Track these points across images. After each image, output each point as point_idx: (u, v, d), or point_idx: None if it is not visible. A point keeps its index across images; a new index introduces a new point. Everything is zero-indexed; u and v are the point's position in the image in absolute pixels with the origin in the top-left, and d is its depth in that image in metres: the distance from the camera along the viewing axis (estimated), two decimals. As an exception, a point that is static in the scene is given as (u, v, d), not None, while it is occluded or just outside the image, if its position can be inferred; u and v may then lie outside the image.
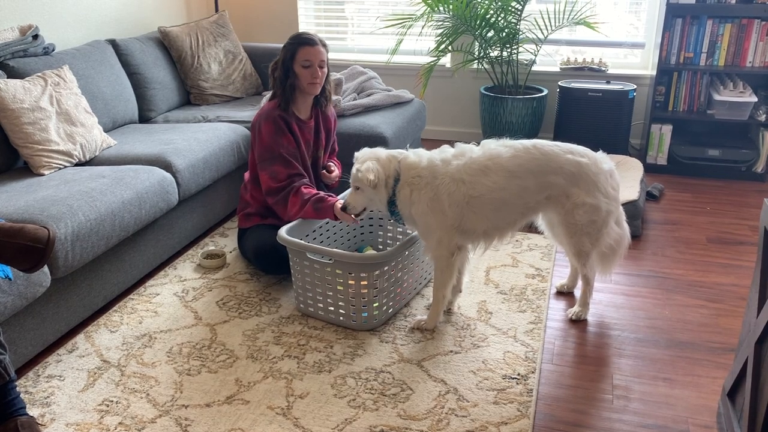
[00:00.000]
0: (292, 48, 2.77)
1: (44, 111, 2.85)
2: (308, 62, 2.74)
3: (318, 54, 2.76)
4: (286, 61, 2.78)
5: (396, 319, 2.57)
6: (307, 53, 2.74)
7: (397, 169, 2.39)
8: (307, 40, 2.78)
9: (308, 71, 2.75)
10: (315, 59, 2.74)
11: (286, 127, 2.78)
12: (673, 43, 4.08)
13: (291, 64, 2.76)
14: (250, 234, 2.86)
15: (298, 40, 2.78)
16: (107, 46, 3.58)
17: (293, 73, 2.77)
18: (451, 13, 4.18)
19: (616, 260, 2.59)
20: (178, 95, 3.98)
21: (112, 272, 2.68)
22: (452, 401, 2.12)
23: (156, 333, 2.50)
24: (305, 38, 2.79)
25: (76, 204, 2.42)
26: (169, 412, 2.07)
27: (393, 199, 2.42)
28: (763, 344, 1.72)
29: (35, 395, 2.16)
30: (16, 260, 1.79)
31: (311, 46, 2.75)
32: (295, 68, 2.76)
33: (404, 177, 2.38)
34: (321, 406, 2.09)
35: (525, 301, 2.70)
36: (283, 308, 2.66)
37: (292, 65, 2.76)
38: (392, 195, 2.41)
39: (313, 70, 2.75)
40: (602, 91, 4.20)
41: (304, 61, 2.74)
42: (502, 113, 4.32)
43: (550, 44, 4.47)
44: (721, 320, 2.59)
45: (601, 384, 2.22)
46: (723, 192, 3.91)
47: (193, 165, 3.06)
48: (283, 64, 2.79)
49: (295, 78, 2.76)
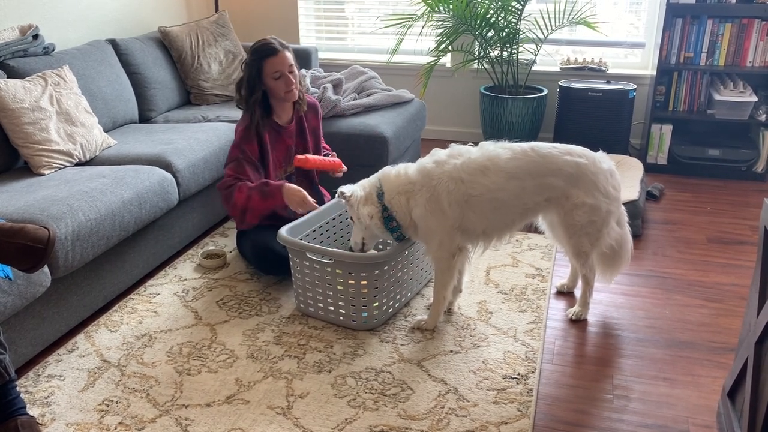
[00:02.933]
0: (257, 63, 2.63)
1: (44, 111, 2.85)
2: (278, 73, 2.63)
3: (285, 60, 2.64)
4: (252, 78, 2.64)
5: (396, 319, 2.57)
6: (274, 64, 2.63)
7: (377, 185, 2.40)
8: (269, 50, 2.63)
9: (281, 81, 2.65)
10: (284, 67, 2.63)
11: (256, 136, 2.71)
12: (673, 43, 4.08)
13: (259, 79, 2.65)
14: (248, 235, 2.86)
15: (261, 53, 2.64)
16: (107, 46, 3.58)
17: (264, 88, 2.67)
18: (451, 13, 4.18)
19: (620, 264, 2.58)
20: (179, 95, 3.98)
21: (113, 272, 2.68)
22: (452, 401, 2.12)
23: (156, 333, 2.50)
24: (267, 49, 2.64)
25: (77, 204, 2.42)
26: (169, 412, 2.08)
27: (390, 216, 2.39)
28: (763, 344, 1.72)
29: (35, 395, 2.16)
30: (17, 260, 1.79)
31: (275, 56, 2.62)
32: (266, 82, 2.66)
33: (390, 189, 2.38)
34: (321, 406, 2.10)
35: (525, 300, 2.70)
36: (283, 308, 2.66)
37: (261, 80, 2.65)
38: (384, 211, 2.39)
39: (285, 78, 2.65)
40: (602, 91, 4.20)
41: (274, 73, 2.63)
42: (502, 113, 4.32)
43: (550, 44, 4.47)
44: (721, 320, 2.59)
45: (602, 384, 2.22)
46: (723, 192, 3.91)
47: (194, 165, 3.06)
48: (250, 82, 2.65)
49: (267, 92, 2.68)
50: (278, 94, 2.70)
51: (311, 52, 4.36)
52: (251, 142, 2.71)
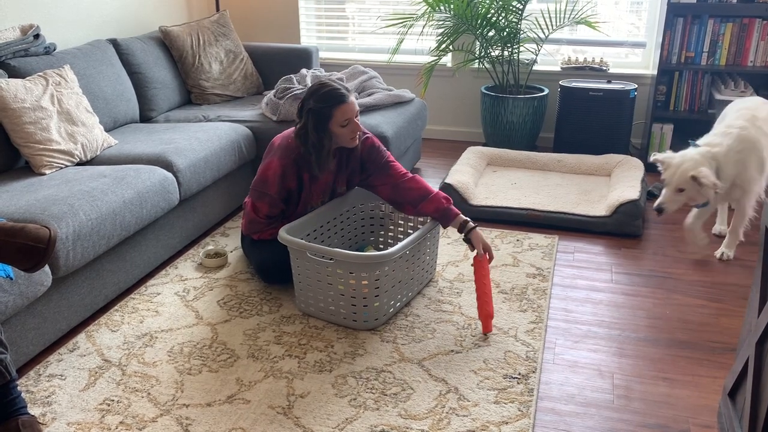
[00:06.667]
0: (327, 111, 2.49)
1: (45, 110, 2.86)
2: (347, 121, 2.50)
3: (354, 107, 2.51)
4: (320, 125, 2.50)
5: (397, 319, 2.58)
6: (345, 112, 2.49)
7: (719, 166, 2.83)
8: (340, 96, 2.49)
9: (347, 129, 2.52)
10: (353, 113, 2.51)
11: (295, 176, 2.62)
12: (674, 43, 4.07)
13: (327, 126, 2.51)
14: (256, 246, 2.79)
15: (333, 101, 2.49)
16: (108, 46, 3.58)
17: (330, 135, 2.53)
18: (451, 13, 4.18)
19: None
20: (179, 95, 3.98)
21: (113, 272, 2.68)
22: (453, 401, 2.12)
23: (157, 332, 2.50)
24: (338, 95, 2.49)
25: (77, 203, 2.42)
26: (170, 412, 2.08)
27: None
28: (764, 344, 1.72)
29: (36, 394, 2.16)
30: (17, 260, 1.79)
31: (346, 103, 2.49)
32: (332, 129, 2.52)
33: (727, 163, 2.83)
34: (322, 406, 2.10)
35: (526, 300, 2.70)
36: (284, 308, 2.66)
37: (328, 127, 2.52)
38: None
39: (352, 125, 2.53)
40: (603, 91, 4.19)
41: (344, 121, 2.50)
42: (503, 113, 4.32)
43: (551, 44, 4.47)
44: (722, 320, 2.59)
45: (602, 383, 2.22)
46: (724, 191, 3.91)
47: (194, 164, 3.06)
48: (317, 129, 2.51)
49: (331, 139, 2.54)
50: (343, 141, 2.57)
51: (312, 51, 4.36)
52: (291, 180, 2.62)
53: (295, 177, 2.64)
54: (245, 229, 2.78)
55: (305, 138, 2.55)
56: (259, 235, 2.73)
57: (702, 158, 2.83)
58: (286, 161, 2.61)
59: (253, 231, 2.73)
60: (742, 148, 2.84)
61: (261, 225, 2.70)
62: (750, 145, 2.84)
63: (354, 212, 2.97)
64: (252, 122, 3.64)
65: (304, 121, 2.55)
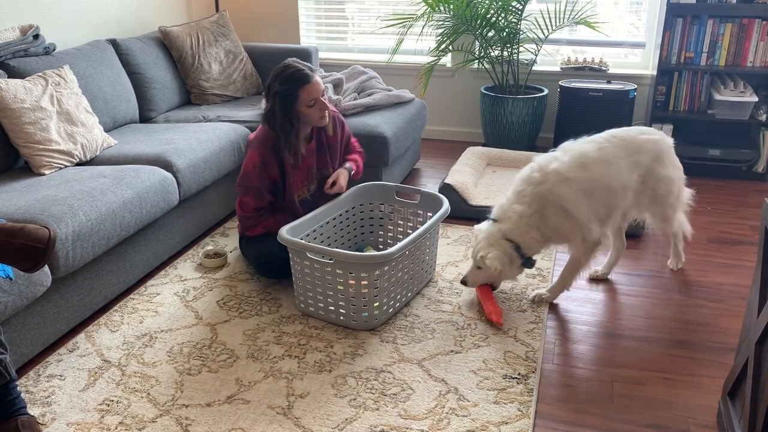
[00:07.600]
0: (292, 92, 2.51)
1: (45, 111, 2.86)
2: (313, 100, 2.54)
3: (318, 86, 2.54)
4: (287, 107, 2.52)
5: (396, 319, 2.58)
6: (310, 92, 2.52)
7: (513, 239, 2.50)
8: (304, 77, 2.51)
9: (315, 108, 2.56)
10: (318, 93, 2.53)
11: (276, 164, 2.63)
12: (673, 43, 4.07)
13: (293, 107, 2.53)
14: (252, 242, 2.82)
15: (297, 81, 2.51)
16: (108, 46, 3.58)
17: (298, 116, 2.55)
18: (451, 13, 4.18)
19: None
20: (179, 95, 3.98)
21: (113, 272, 2.68)
22: (453, 401, 2.12)
23: (156, 333, 2.50)
24: (302, 75, 2.51)
25: (77, 204, 2.42)
26: (170, 412, 2.08)
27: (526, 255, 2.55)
28: (764, 344, 1.72)
29: (36, 395, 2.16)
30: (17, 260, 1.79)
31: (310, 83, 2.52)
32: (300, 110, 2.55)
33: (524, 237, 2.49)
34: (321, 406, 2.10)
35: (525, 300, 2.70)
36: (283, 308, 2.66)
37: (295, 108, 2.53)
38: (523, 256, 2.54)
39: (319, 104, 2.55)
40: (603, 91, 4.20)
41: (310, 101, 2.53)
42: (502, 113, 4.32)
43: (550, 44, 4.47)
44: (722, 320, 2.59)
45: (601, 383, 2.22)
46: (723, 192, 3.91)
47: (194, 165, 3.06)
48: (284, 111, 2.53)
49: (300, 120, 2.56)
50: (312, 121, 2.60)
51: (311, 51, 4.36)
52: (272, 169, 2.64)
53: (276, 165, 2.66)
54: (240, 229, 2.82)
55: (273, 121, 2.59)
56: (252, 230, 2.75)
57: (493, 239, 2.52)
58: (264, 150, 2.64)
59: (246, 227, 2.76)
60: (535, 209, 2.47)
61: (252, 219, 2.73)
62: (543, 202, 2.47)
63: (354, 212, 2.97)
64: (252, 122, 3.64)
65: (271, 104, 2.58)
